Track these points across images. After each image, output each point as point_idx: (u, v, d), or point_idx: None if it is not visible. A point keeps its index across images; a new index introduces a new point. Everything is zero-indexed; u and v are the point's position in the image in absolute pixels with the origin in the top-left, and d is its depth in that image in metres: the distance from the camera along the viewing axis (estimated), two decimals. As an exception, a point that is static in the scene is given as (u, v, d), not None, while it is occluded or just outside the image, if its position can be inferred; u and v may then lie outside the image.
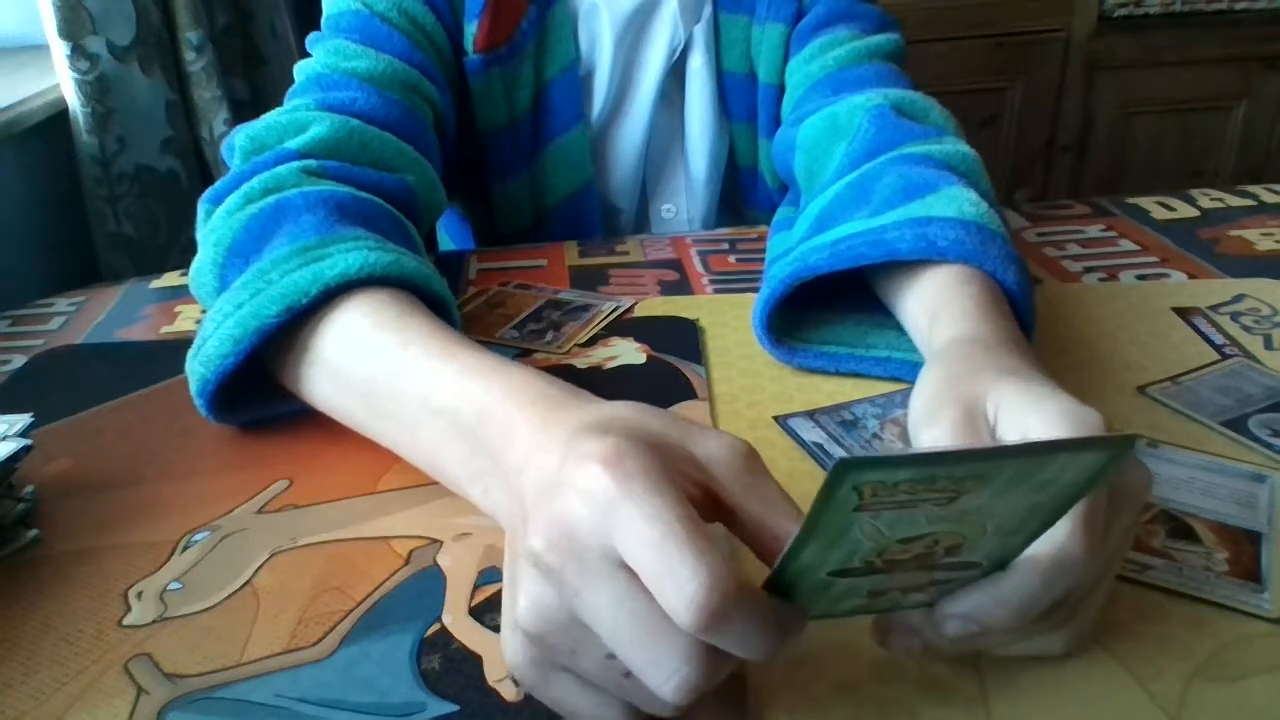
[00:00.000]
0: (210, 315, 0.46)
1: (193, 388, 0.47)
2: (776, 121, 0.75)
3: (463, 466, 0.37)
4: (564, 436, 0.30)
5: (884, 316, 0.54)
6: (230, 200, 0.51)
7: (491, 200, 0.79)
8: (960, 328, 0.44)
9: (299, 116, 0.57)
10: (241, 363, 0.45)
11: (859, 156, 0.59)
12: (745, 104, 0.78)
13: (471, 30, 0.70)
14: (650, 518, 0.26)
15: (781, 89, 0.75)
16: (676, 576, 0.25)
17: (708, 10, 0.76)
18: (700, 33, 0.76)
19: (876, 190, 0.54)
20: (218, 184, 0.53)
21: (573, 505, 0.27)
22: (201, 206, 0.53)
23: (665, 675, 0.26)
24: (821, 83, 0.69)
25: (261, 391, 0.48)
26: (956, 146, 0.57)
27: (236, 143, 0.56)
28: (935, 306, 0.47)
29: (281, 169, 0.52)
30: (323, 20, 0.67)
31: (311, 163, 0.53)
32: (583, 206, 0.79)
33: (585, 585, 0.27)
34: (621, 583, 0.26)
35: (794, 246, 0.56)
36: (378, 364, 0.42)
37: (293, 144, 0.54)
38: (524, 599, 0.28)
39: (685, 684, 0.26)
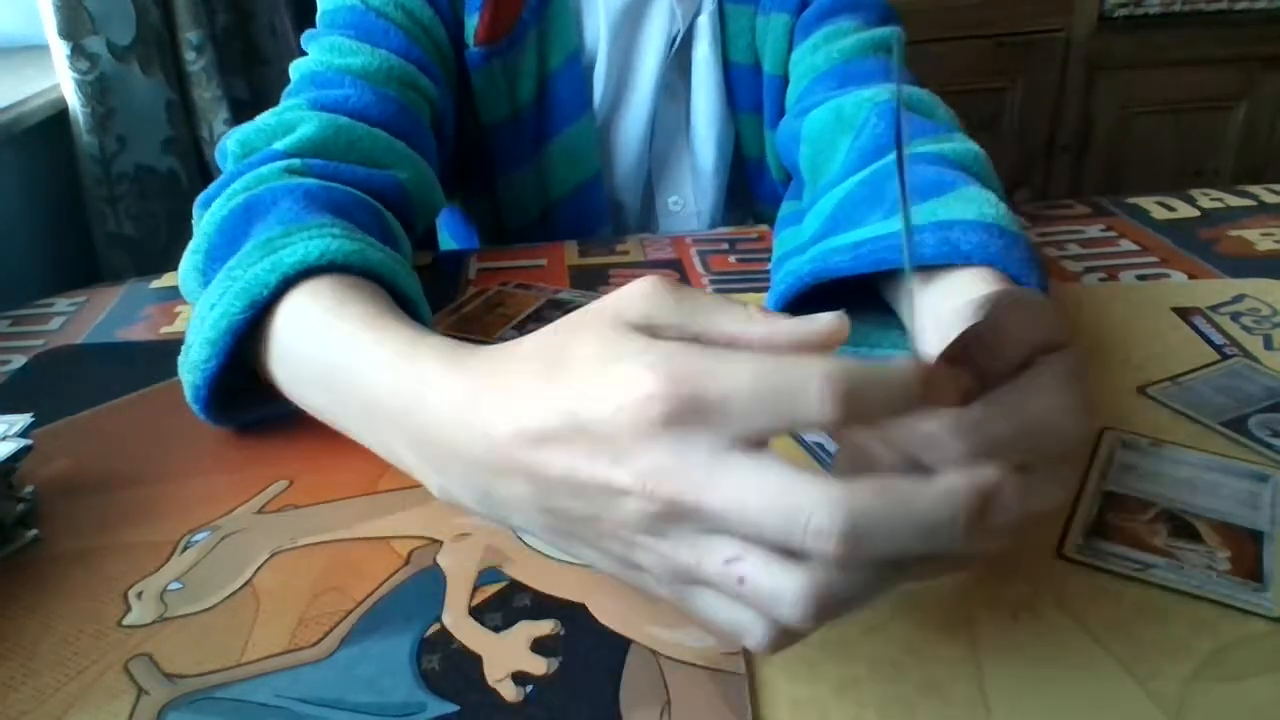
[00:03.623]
0: (191, 320, 0.46)
1: (186, 394, 0.47)
2: (781, 112, 0.75)
3: (406, 455, 0.36)
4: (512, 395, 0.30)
5: (886, 315, 0.54)
6: (214, 204, 0.51)
7: (497, 195, 0.79)
8: None
9: (287, 117, 0.57)
10: (225, 364, 0.44)
11: (868, 151, 0.59)
12: (751, 95, 0.78)
13: (472, 23, 0.70)
14: (740, 378, 0.26)
15: (786, 79, 0.75)
16: (797, 382, 0.25)
17: (712, 2, 0.76)
18: (706, 23, 0.76)
19: (888, 188, 0.54)
20: (209, 188, 0.53)
21: (662, 396, 0.26)
22: (195, 211, 0.53)
23: (802, 526, 0.25)
24: (826, 75, 0.69)
25: (258, 390, 0.48)
26: (966, 145, 0.57)
27: (228, 147, 0.57)
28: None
29: (264, 169, 0.52)
30: (318, 16, 0.67)
31: (295, 162, 0.53)
32: (590, 198, 0.79)
33: (701, 480, 0.26)
34: (742, 461, 0.26)
35: (806, 243, 0.56)
36: (322, 353, 0.41)
37: (279, 145, 0.54)
38: (644, 458, 0.27)
39: (824, 531, 0.24)
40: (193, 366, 0.45)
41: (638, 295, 0.30)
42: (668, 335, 0.29)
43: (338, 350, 0.40)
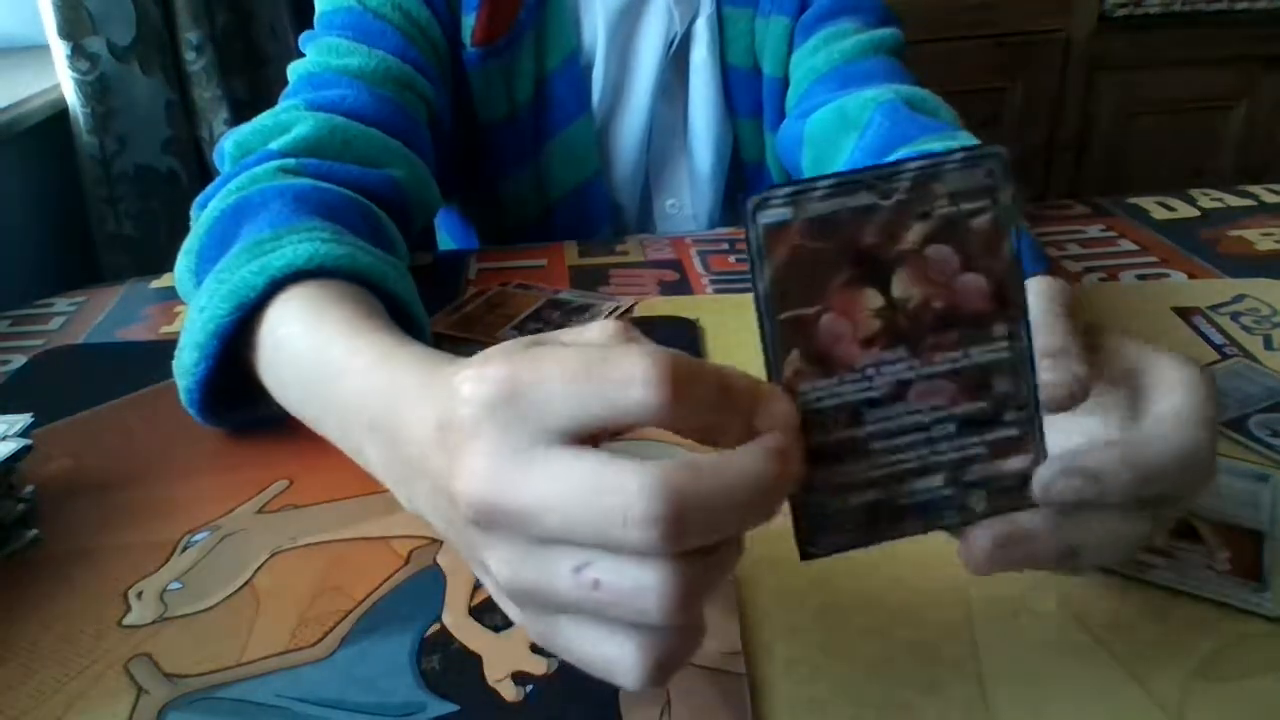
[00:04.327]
0: (184, 323, 0.46)
1: (180, 396, 0.47)
2: (782, 115, 0.75)
3: (380, 463, 0.34)
4: (445, 386, 0.28)
5: None
6: (210, 205, 0.51)
7: (496, 195, 0.79)
8: None
9: (283, 118, 0.57)
10: (216, 366, 0.44)
11: (871, 150, 0.59)
12: (750, 98, 0.78)
13: (469, 23, 0.70)
14: (559, 355, 0.24)
15: (786, 82, 0.75)
16: (620, 367, 0.23)
17: (710, 5, 0.76)
18: (704, 27, 0.76)
19: None
20: (206, 189, 0.53)
21: (478, 396, 0.25)
22: (192, 212, 0.54)
23: (621, 519, 0.23)
24: (828, 76, 0.69)
25: (253, 392, 0.48)
26: (970, 142, 0.58)
27: (225, 148, 0.57)
28: None
29: (259, 169, 0.52)
30: (315, 18, 0.67)
31: (290, 161, 0.53)
32: (589, 199, 0.79)
33: (518, 475, 0.24)
34: (558, 455, 0.24)
35: None
36: (306, 359, 0.40)
37: (275, 145, 0.54)
38: (496, 564, 0.26)
39: (653, 516, 0.23)
40: (184, 369, 0.45)
41: (586, 327, 0.28)
42: None
43: (317, 356, 0.39)
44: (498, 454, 0.25)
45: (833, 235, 0.26)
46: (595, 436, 0.25)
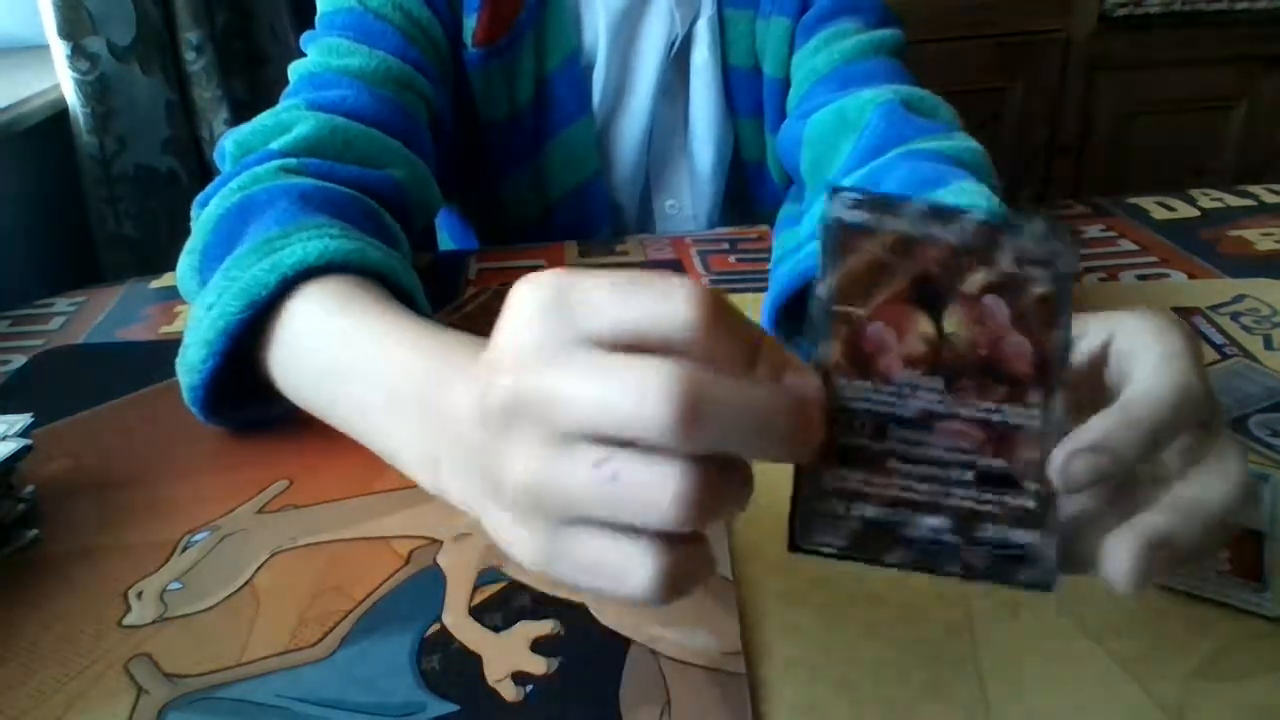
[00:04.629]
0: (188, 320, 0.46)
1: (183, 394, 0.47)
2: (783, 115, 0.75)
3: (412, 444, 0.35)
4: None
5: None
6: (211, 204, 0.51)
7: (496, 195, 0.79)
8: None
9: (284, 118, 0.57)
10: (223, 364, 0.44)
11: (867, 151, 0.59)
12: (751, 99, 0.78)
13: (470, 24, 0.70)
14: (606, 278, 0.26)
15: (787, 83, 0.75)
16: (665, 283, 0.25)
17: (711, 6, 0.76)
18: (704, 28, 0.76)
19: (885, 185, 0.54)
20: (207, 189, 0.53)
21: (532, 298, 0.26)
22: (193, 211, 0.54)
23: (640, 396, 0.24)
24: (828, 77, 0.69)
25: (257, 390, 0.48)
26: (965, 142, 0.57)
27: (226, 148, 0.57)
28: None
29: (260, 169, 0.52)
30: (317, 18, 0.67)
31: (291, 161, 0.53)
32: (589, 199, 0.79)
33: (554, 365, 0.25)
34: (593, 353, 0.25)
35: (804, 243, 0.56)
36: (330, 351, 0.41)
37: (275, 145, 0.54)
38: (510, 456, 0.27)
39: (670, 395, 0.23)
40: (190, 367, 0.45)
41: None
42: None
43: (346, 343, 0.40)
44: (538, 346, 0.26)
45: (906, 254, 0.27)
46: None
